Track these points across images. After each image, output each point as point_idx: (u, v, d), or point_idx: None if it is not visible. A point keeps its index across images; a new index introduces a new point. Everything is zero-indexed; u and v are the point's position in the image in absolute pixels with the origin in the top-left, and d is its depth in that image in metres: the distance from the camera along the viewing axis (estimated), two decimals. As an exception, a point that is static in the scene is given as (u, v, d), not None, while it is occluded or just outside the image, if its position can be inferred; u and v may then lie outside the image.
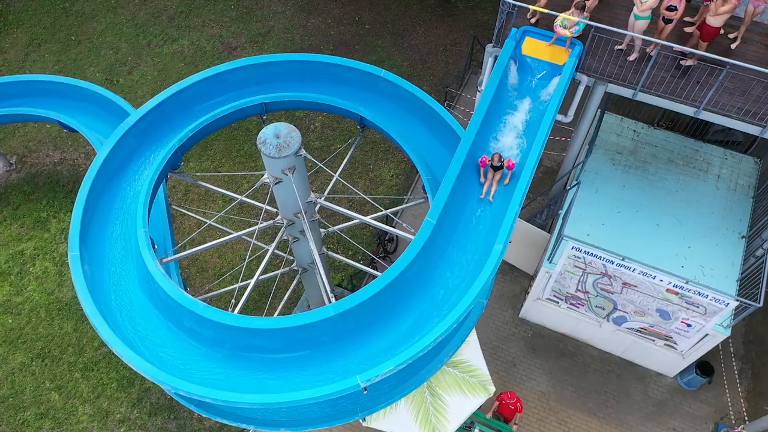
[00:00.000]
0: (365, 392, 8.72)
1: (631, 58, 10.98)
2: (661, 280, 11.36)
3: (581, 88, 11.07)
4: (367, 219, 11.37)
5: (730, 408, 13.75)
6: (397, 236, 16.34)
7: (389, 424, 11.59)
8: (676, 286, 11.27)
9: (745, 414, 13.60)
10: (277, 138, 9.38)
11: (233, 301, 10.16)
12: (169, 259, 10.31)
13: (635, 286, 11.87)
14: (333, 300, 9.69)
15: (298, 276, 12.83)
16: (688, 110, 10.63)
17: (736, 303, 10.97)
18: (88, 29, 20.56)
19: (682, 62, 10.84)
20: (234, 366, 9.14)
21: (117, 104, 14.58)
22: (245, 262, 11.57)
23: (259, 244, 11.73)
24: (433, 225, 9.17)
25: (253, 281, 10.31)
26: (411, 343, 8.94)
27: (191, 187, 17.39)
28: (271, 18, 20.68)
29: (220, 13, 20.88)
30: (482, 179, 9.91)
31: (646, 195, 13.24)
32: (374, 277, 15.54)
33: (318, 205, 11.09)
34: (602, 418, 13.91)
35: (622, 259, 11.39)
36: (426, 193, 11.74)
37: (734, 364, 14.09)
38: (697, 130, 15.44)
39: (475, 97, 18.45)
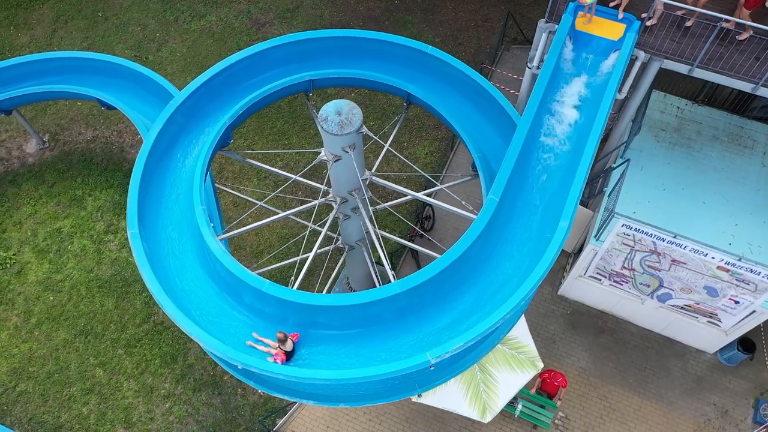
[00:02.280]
0: (432, 369, 8.85)
1: (650, 23, 10.85)
2: (713, 258, 11.36)
3: (637, 65, 10.94)
4: (420, 195, 11.37)
5: (771, 384, 13.89)
6: (433, 214, 16.33)
7: (440, 400, 11.75)
8: (728, 264, 11.28)
9: (786, 390, 13.75)
10: (339, 115, 9.33)
11: (292, 279, 10.18)
12: (226, 235, 10.34)
13: (684, 264, 11.88)
14: (394, 278, 9.74)
15: (344, 254, 12.87)
16: (745, 86, 10.53)
17: (789, 280, 10.99)
18: (114, 5, 20.33)
19: (737, 37, 10.69)
20: (297, 343, 9.20)
21: (155, 81, 14.50)
22: (304, 236, 11.59)
23: (316, 227, 11.72)
24: (496, 202, 9.15)
25: (311, 255, 10.41)
26: (473, 320, 9.04)
27: (225, 165, 17.36)
28: (299, -7, 20.42)
29: (247, -11, 20.61)
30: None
31: (692, 172, 13.18)
32: (415, 254, 15.63)
33: (367, 182, 11.05)
34: (642, 393, 14.03)
35: (674, 237, 11.38)
36: (474, 171, 11.76)
37: (775, 340, 14.20)
38: (737, 107, 15.33)
39: (511, 74, 18.27)
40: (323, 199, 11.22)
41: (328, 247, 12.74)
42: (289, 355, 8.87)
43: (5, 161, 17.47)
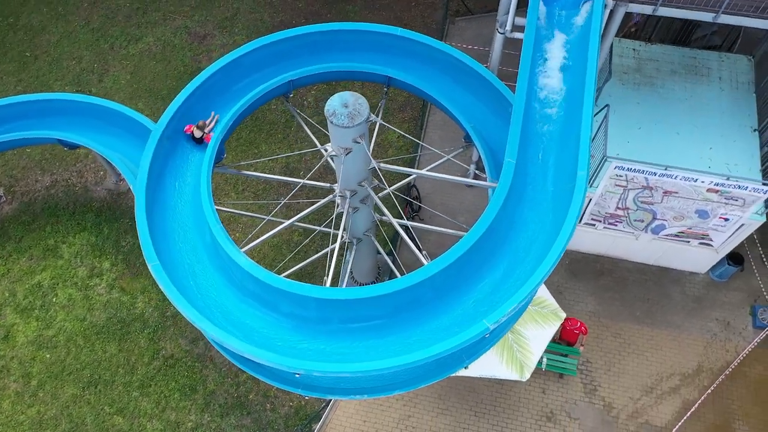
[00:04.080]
0: (487, 336, 9.03)
1: None
2: (702, 182, 12.06)
3: (606, 12, 11.37)
4: (424, 172, 11.54)
5: (762, 288, 14.87)
6: (419, 193, 16.50)
7: (479, 370, 11.99)
8: (717, 185, 12.00)
9: (778, 290, 14.84)
10: (346, 107, 9.33)
11: (325, 278, 10.12)
12: (248, 247, 10.17)
13: (676, 193, 12.55)
14: (428, 259, 9.85)
15: (354, 248, 12.85)
16: (707, 16, 11.16)
17: (775, 188, 11.83)
18: (41, 42, 19.27)
19: None
20: (345, 338, 9.17)
21: (117, 111, 13.90)
22: (304, 243, 11.47)
23: (322, 229, 11.65)
24: (513, 165, 9.39)
25: (336, 246, 10.38)
26: (511, 283, 9.27)
27: (199, 185, 16.88)
28: (233, 0, 19.96)
29: (178, 4, 19.98)
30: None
31: (660, 108, 13.85)
32: (411, 236, 15.76)
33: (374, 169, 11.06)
34: (651, 323, 14.77)
35: (665, 169, 11.99)
36: (467, 142, 12.01)
37: (759, 249, 15.19)
38: (680, 40, 16.30)
39: (462, 45, 18.55)
40: (331, 197, 11.17)
41: (341, 240, 12.70)
42: (195, 141, 10.74)
43: (-39, 224, 16.41)
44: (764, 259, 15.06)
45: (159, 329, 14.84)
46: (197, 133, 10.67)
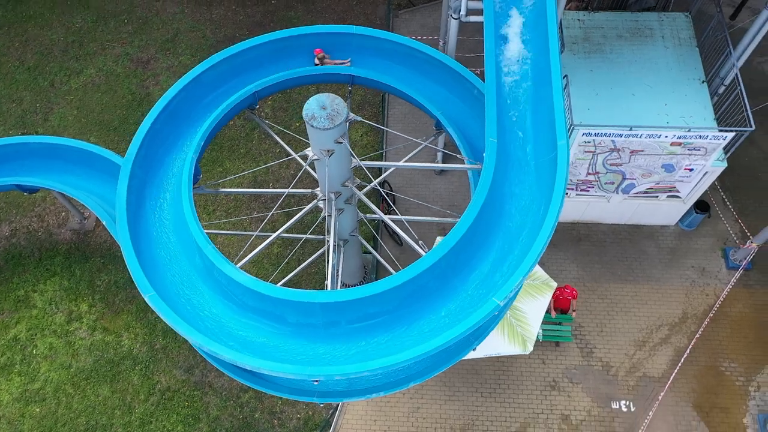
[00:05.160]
0: (497, 314, 9.18)
1: None
2: (666, 137, 12.57)
3: (555, -15, 11.68)
4: (403, 164, 11.60)
5: (730, 231, 15.59)
6: (391, 188, 16.56)
7: (483, 350, 12.12)
8: (680, 138, 12.51)
9: (745, 230, 15.50)
10: (324, 109, 9.27)
11: (326, 282, 10.07)
12: (243, 262, 10.02)
13: (642, 151, 13.02)
14: (425, 249, 9.93)
15: (342, 250, 12.80)
16: (649, -22, 11.63)
17: (733, 133, 12.40)
18: (-25, 88, 18.44)
19: None
20: (356, 338, 9.18)
21: (77, 148, 13.43)
22: (288, 256, 11.36)
23: (314, 236, 11.56)
24: (495, 143, 9.56)
25: (331, 245, 10.33)
26: (511, 261, 9.44)
27: (167, 212, 16.48)
28: (172, 21, 19.54)
29: (115, 32, 19.42)
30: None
31: (613, 72, 14.32)
32: (390, 231, 15.86)
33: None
34: (632, 280, 15.29)
35: (630, 129, 12.43)
36: (437, 129, 12.15)
37: (721, 194, 15.92)
38: (618, 5, 16.90)
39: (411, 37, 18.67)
40: (315, 202, 11.11)
41: (328, 244, 12.67)
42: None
43: None
44: (727, 203, 15.81)
45: (150, 363, 14.43)
46: (316, 61, 11.66)
